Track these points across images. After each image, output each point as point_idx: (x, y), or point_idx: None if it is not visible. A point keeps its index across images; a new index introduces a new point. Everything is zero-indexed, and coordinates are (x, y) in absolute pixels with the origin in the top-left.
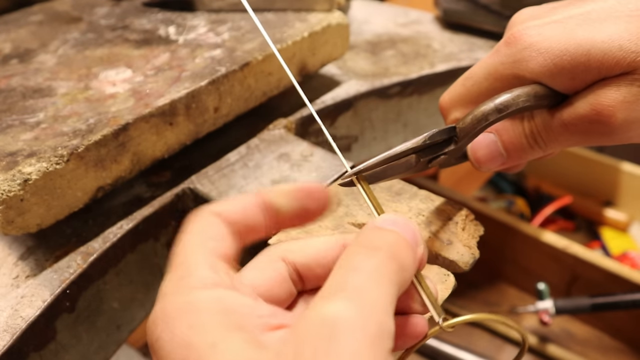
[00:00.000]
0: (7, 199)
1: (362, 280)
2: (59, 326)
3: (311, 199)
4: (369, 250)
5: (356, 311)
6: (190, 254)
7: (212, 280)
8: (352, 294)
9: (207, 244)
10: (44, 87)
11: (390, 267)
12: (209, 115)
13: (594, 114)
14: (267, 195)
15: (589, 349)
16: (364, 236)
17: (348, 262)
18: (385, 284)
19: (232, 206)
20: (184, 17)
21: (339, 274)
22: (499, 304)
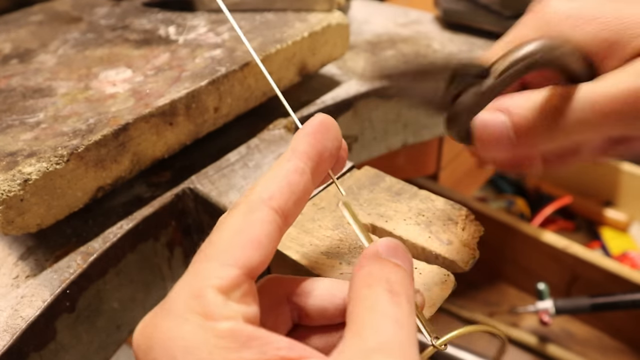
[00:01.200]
0: (7, 199)
1: (402, 336)
2: (59, 326)
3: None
4: (392, 296)
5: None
6: (211, 263)
7: (227, 311)
8: (394, 351)
9: (241, 252)
10: (44, 87)
11: (411, 312)
12: (209, 115)
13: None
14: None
15: (589, 349)
16: (374, 271)
17: (374, 305)
18: (414, 334)
19: (279, 188)
20: (184, 17)
21: (370, 320)
22: (499, 304)
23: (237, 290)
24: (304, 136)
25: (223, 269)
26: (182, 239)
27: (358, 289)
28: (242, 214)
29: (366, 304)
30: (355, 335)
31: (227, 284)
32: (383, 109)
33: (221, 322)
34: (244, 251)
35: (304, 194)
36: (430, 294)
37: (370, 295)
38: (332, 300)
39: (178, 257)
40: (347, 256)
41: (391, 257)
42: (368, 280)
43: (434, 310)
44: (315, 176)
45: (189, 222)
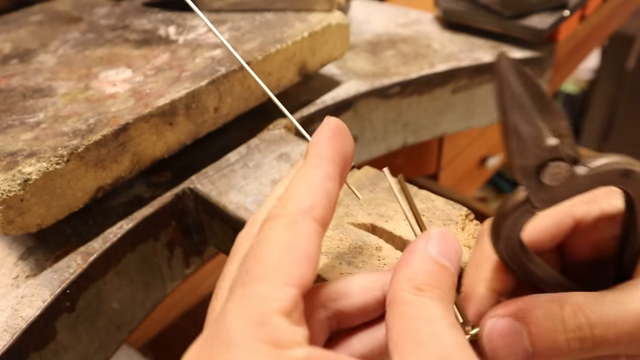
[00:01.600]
0: (7, 199)
1: (459, 342)
2: (59, 326)
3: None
4: (439, 302)
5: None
6: (268, 285)
7: (296, 336)
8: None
9: (297, 268)
10: (44, 87)
11: (459, 325)
12: (209, 115)
13: None
14: (323, 155)
15: None
16: (425, 274)
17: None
18: (467, 341)
19: (318, 197)
20: (184, 17)
21: (423, 327)
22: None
23: (296, 311)
24: (327, 141)
25: (283, 290)
26: (182, 239)
27: (401, 294)
28: (285, 228)
29: (414, 312)
30: (414, 347)
31: (288, 306)
32: (383, 109)
33: (294, 349)
34: (299, 268)
35: (336, 201)
36: None
37: (417, 302)
38: (371, 295)
39: (178, 257)
40: (347, 256)
41: (440, 257)
42: (411, 284)
43: None
44: (341, 182)
45: (189, 222)
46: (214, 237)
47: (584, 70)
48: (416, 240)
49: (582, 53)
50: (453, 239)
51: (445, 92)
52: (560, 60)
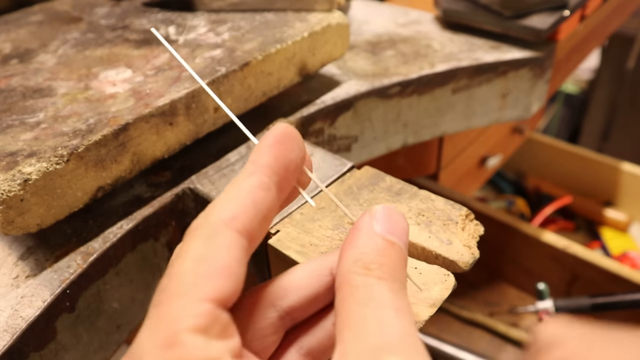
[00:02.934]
0: (7, 199)
1: (407, 328)
2: (59, 326)
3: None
4: (389, 283)
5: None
6: (179, 302)
7: (210, 353)
8: (404, 347)
9: (208, 284)
10: (44, 87)
11: (405, 295)
12: (209, 115)
13: None
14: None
15: None
16: (367, 253)
17: (370, 296)
18: (413, 320)
19: (242, 207)
20: (184, 17)
21: (370, 314)
22: (499, 304)
23: (215, 325)
24: (266, 148)
25: (195, 305)
26: (182, 239)
27: (348, 275)
28: (202, 240)
29: (360, 295)
30: (356, 335)
31: (203, 322)
32: (383, 109)
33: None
34: (214, 282)
35: (269, 212)
36: (430, 294)
37: (364, 284)
38: (320, 282)
39: None
40: None
41: (387, 234)
42: (359, 265)
43: (434, 310)
44: (281, 191)
45: (189, 222)
46: None
47: (584, 70)
48: (360, 218)
49: (582, 53)
50: (398, 214)
51: (445, 92)
52: (560, 60)
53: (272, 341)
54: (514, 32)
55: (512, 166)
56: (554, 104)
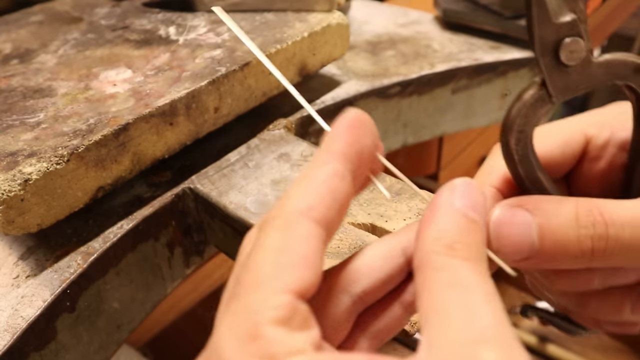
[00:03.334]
0: (8, 199)
1: (498, 314)
2: (59, 326)
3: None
4: (474, 265)
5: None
6: (259, 294)
7: (292, 345)
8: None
9: (288, 274)
10: (44, 87)
11: (493, 284)
12: (209, 115)
13: None
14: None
15: (589, 348)
16: (450, 231)
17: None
18: (504, 310)
19: (319, 196)
20: (184, 17)
21: (458, 301)
22: None
23: (296, 317)
24: (339, 134)
25: (275, 297)
26: (182, 239)
27: (430, 256)
28: (280, 231)
29: (445, 278)
30: (443, 323)
31: (284, 314)
32: (383, 109)
33: (292, 358)
34: (294, 273)
35: (346, 201)
36: None
37: (449, 265)
38: (393, 263)
39: (178, 257)
40: (347, 256)
41: (470, 212)
42: (441, 244)
43: None
44: (355, 179)
45: (189, 222)
46: (214, 237)
47: None
48: (439, 193)
49: None
50: (478, 190)
51: (445, 92)
52: None
53: (345, 328)
54: (514, 32)
55: None
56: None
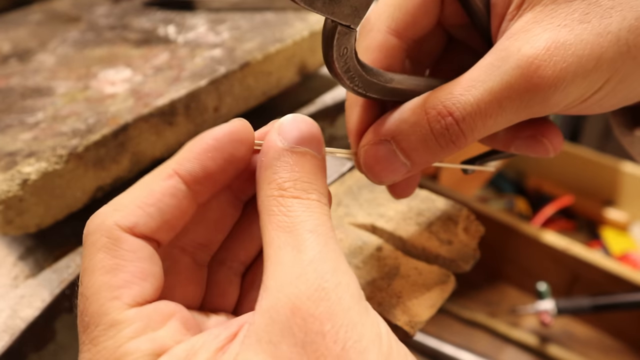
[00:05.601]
0: (7, 199)
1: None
2: (58, 327)
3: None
4: (304, 199)
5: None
6: (111, 321)
7: (150, 352)
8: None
9: (125, 292)
10: (43, 87)
11: (323, 205)
12: (209, 115)
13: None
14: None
15: (590, 349)
16: (284, 169)
17: (285, 219)
18: (331, 240)
19: (144, 211)
20: (184, 17)
21: (284, 239)
22: (499, 304)
23: (152, 320)
24: (195, 153)
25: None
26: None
27: (265, 199)
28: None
29: (276, 220)
30: (274, 266)
31: (139, 326)
32: None
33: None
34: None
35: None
36: (430, 294)
37: (278, 207)
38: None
39: None
40: (347, 256)
41: (298, 144)
42: (273, 184)
43: (434, 310)
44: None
45: None
46: None
47: None
48: (267, 136)
49: None
50: (306, 121)
51: None
52: None
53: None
54: None
55: (512, 166)
56: None
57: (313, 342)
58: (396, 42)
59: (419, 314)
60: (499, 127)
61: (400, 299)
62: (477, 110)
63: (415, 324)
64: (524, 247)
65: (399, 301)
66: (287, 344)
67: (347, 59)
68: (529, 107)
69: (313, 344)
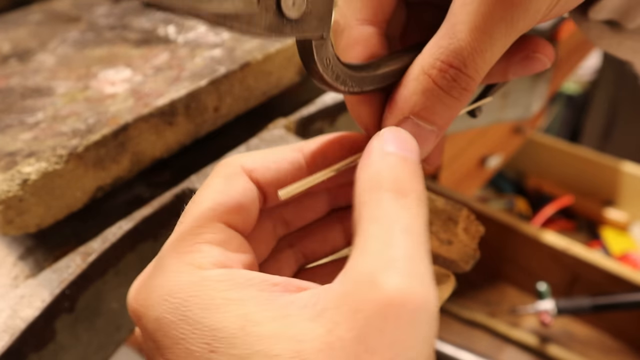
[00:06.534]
0: (7, 199)
1: (411, 247)
2: (58, 327)
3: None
4: (400, 198)
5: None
6: (200, 221)
7: (220, 259)
8: (402, 268)
9: (221, 209)
10: (43, 87)
11: (421, 210)
12: (209, 115)
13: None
14: (312, 150)
15: (590, 349)
16: (381, 169)
17: (379, 213)
18: (423, 237)
19: (266, 164)
20: (183, 17)
21: (375, 232)
22: (499, 304)
23: (232, 242)
24: (321, 141)
25: (213, 225)
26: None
27: (362, 194)
28: (223, 178)
29: (370, 212)
30: (359, 253)
31: (220, 238)
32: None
33: (216, 269)
34: (229, 212)
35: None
36: None
37: (375, 201)
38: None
39: None
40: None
41: (399, 150)
42: (372, 181)
43: None
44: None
45: None
46: None
47: (585, 70)
48: (370, 142)
49: (583, 52)
50: (406, 133)
51: None
52: (561, 59)
53: (265, 244)
54: None
55: (512, 166)
56: (555, 103)
57: (368, 335)
58: (370, 30)
59: None
60: (496, 56)
61: None
62: (471, 50)
63: None
64: (524, 247)
65: None
66: (346, 328)
67: (333, 66)
68: (515, 25)
69: (368, 337)
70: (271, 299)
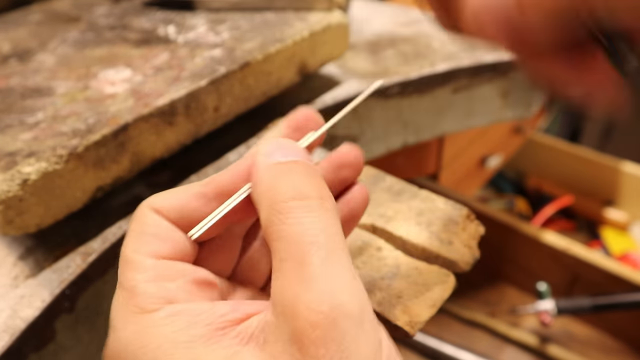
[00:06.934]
0: (6, 199)
1: (323, 258)
2: (58, 327)
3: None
4: (299, 202)
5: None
6: (129, 265)
7: (161, 294)
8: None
9: (146, 247)
10: (43, 87)
11: (327, 208)
12: (209, 115)
13: None
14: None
15: (590, 349)
16: (272, 184)
17: (284, 228)
18: (338, 243)
19: (170, 200)
20: (184, 17)
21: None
22: (499, 304)
23: (165, 273)
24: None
25: (142, 263)
26: None
27: (262, 213)
28: (134, 221)
29: (276, 230)
30: (279, 277)
31: (152, 274)
32: (383, 109)
33: (161, 308)
34: (149, 245)
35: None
36: (430, 294)
37: (276, 216)
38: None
39: None
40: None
41: (285, 157)
42: (268, 198)
43: (434, 310)
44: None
45: None
46: None
47: None
48: (254, 161)
49: None
50: (288, 141)
51: (445, 92)
52: None
53: (230, 251)
54: None
55: (512, 166)
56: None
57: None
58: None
59: (419, 314)
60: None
61: (400, 299)
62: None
63: (415, 324)
64: (524, 247)
65: (399, 301)
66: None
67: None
68: None
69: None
70: (219, 335)
